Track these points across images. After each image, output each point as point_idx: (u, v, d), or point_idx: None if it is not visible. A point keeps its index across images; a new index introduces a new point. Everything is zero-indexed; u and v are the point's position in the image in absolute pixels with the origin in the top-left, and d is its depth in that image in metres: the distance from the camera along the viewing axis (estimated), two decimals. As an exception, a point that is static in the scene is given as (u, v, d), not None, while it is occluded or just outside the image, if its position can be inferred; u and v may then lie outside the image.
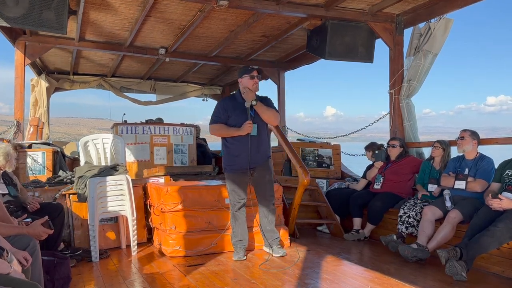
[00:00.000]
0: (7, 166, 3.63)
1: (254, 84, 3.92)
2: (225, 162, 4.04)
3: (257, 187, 4.05)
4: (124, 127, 6.50)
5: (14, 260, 1.99)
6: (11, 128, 5.97)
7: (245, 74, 3.95)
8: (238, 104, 3.96)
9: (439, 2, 4.94)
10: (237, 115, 3.91)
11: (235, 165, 3.94)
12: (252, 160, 3.90)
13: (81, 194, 4.27)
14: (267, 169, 4.06)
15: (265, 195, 4.04)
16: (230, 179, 3.99)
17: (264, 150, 4.03)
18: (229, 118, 3.94)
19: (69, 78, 8.63)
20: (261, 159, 3.99)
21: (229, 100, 4.10)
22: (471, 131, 4.21)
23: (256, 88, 3.94)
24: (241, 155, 3.89)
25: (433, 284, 3.30)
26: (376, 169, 5.27)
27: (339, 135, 7.74)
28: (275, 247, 4.05)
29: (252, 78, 3.92)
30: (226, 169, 4.03)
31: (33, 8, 4.44)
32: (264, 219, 4.09)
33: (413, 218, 4.27)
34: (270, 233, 4.09)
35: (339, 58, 5.59)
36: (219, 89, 10.04)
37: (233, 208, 4.03)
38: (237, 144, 3.90)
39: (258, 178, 4.01)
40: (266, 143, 4.07)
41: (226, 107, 3.96)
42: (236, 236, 4.03)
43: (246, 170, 3.91)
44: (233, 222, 4.05)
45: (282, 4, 4.94)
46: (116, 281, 3.37)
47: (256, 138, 3.91)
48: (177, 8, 5.25)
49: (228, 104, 4.01)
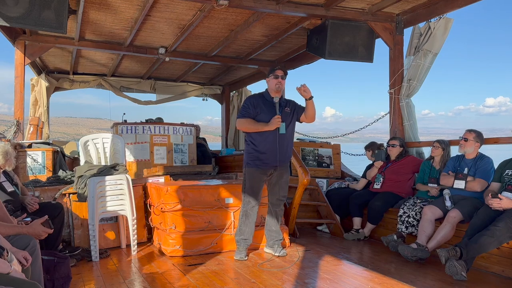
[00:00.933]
0: (6, 165, 3.62)
1: (277, 84, 3.96)
2: (249, 157, 4.00)
3: (273, 187, 4.06)
4: (124, 127, 6.50)
5: (14, 260, 1.99)
6: (11, 127, 5.97)
7: (270, 74, 4.02)
8: (267, 102, 4.00)
9: (439, 2, 4.93)
10: (266, 111, 3.93)
11: (261, 162, 3.93)
12: (279, 158, 3.92)
13: (81, 193, 4.27)
14: (287, 169, 4.09)
15: (279, 195, 4.06)
16: (252, 175, 3.97)
17: (290, 150, 4.06)
18: (258, 115, 3.94)
19: (69, 77, 8.63)
20: (286, 159, 4.03)
21: (259, 97, 4.09)
22: (476, 133, 4.16)
23: (279, 88, 3.98)
24: (269, 152, 3.89)
25: (433, 283, 3.30)
26: (376, 168, 5.27)
27: (338, 135, 7.74)
28: (277, 247, 4.08)
29: (275, 78, 3.97)
30: (249, 164, 3.98)
31: (33, 7, 4.44)
32: (272, 219, 4.10)
33: (413, 218, 4.27)
34: (275, 234, 4.12)
35: (339, 58, 5.59)
36: (219, 89, 10.04)
37: (247, 205, 3.99)
38: (266, 140, 3.90)
39: (277, 177, 4.02)
40: (291, 143, 4.11)
41: (255, 104, 3.98)
42: (242, 233, 4.00)
43: (270, 167, 3.93)
44: (243, 219, 4.02)
45: (282, 3, 4.94)
46: (116, 281, 3.37)
47: (285, 136, 3.94)
48: (177, 7, 5.25)
49: (257, 100, 4.01)
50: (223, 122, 10.16)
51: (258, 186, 3.98)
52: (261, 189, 4.02)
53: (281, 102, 4.01)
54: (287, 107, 4.04)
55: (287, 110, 4.03)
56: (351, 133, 7.34)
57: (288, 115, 4.02)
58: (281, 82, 3.99)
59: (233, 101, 9.95)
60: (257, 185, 3.97)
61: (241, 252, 3.96)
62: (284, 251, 4.08)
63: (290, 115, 4.03)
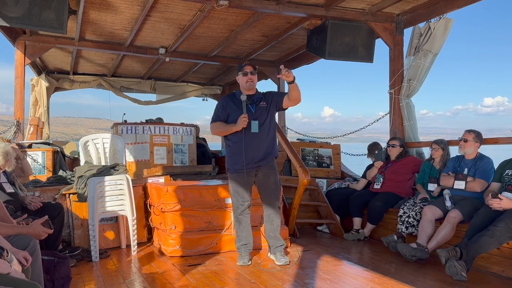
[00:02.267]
0: (6, 166, 3.63)
1: (248, 81, 3.74)
2: (227, 162, 3.89)
3: (261, 189, 3.88)
4: (124, 127, 6.50)
5: (14, 260, 1.99)
6: (11, 128, 5.97)
7: (239, 72, 3.81)
8: (237, 102, 3.78)
9: (439, 2, 4.94)
10: (236, 111, 3.73)
11: (237, 165, 3.74)
12: (254, 159, 3.71)
13: (81, 194, 4.27)
14: (271, 169, 3.83)
15: (269, 197, 3.85)
16: (233, 180, 3.82)
17: (269, 148, 3.79)
18: (229, 116, 3.79)
19: (69, 78, 8.63)
20: (264, 158, 3.76)
21: (229, 98, 3.89)
22: (475, 133, 4.16)
23: (251, 85, 3.76)
24: (244, 153, 3.66)
25: (433, 284, 3.30)
26: (376, 169, 5.27)
27: (337, 135, 7.73)
28: (278, 255, 3.83)
29: (245, 75, 3.75)
30: (229, 169, 3.86)
31: (33, 8, 4.44)
32: (268, 224, 3.90)
33: (413, 218, 4.27)
34: (273, 240, 3.89)
35: (339, 58, 5.59)
36: (219, 89, 10.04)
37: (236, 210, 3.87)
38: (239, 142, 3.70)
39: (262, 178, 3.82)
40: (271, 141, 3.83)
41: (225, 106, 3.80)
42: (240, 240, 3.87)
43: (248, 170, 3.71)
44: (236, 226, 3.90)
45: (282, 4, 4.94)
46: (116, 281, 3.37)
47: (258, 135, 3.71)
48: (177, 7, 5.25)
49: (227, 102, 3.83)
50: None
51: (243, 189, 3.78)
52: (247, 191, 3.80)
53: (255, 98, 3.77)
54: (263, 102, 3.78)
55: (263, 104, 3.77)
56: (351, 133, 7.34)
57: (264, 110, 3.76)
58: (252, 78, 3.74)
59: (233, 101, 9.95)
60: (242, 188, 3.78)
61: (243, 257, 3.80)
62: (287, 259, 3.79)
63: (266, 109, 3.77)
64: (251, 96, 3.78)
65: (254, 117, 3.72)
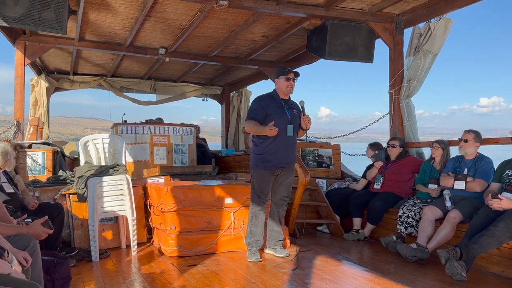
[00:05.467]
0: (6, 166, 3.63)
1: (289, 87, 3.95)
2: (257, 159, 3.99)
3: (277, 186, 4.06)
4: (124, 127, 6.50)
5: (14, 260, 1.99)
6: (11, 128, 5.97)
7: (282, 75, 3.97)
8: (277, 103, 3.97)
9: (439, 2, 4.94)
10: (277, 113, 3.92)
11: (270, 163, 3.93)
12: (285, 160, 3.95)
13: (81, 194, 4.27)
14: (293, 170, 4.12)
15: (282, 195, 4.08)
16: (260, 177, 3.97)
17: (295, 152, 4.10)
18: (268, 116, 3.90)
19: (69, 78, 8.63)
20: (293, 160, 4.06)
21: (267, 98, 4.03)
22: (475, 133, 4.17)
23: (290, 91, 3.98)
24: (277, 153, 3.90)
25: (433, 284, 3.30)
26: (376, 169, 5.27)
27: (335, 135, 7.71)
28: (278, 247, 4.08)
29: (287, 80, 3.95)
30: (258, 165, 3.98)
31: (33, 8, 4.44)
32: (274, 219, 4.11)
33: (412, 218, 4.27)
34: (276, 234, 4.13)
35: (339, 58, 5.59)
36: (219, 89, 10.04)
37: (256, 206, 4.00)
38: (274, 142, 3.89)
39: (283, 178, 4.03)
40: (296, 146, 4.13)
41: (265, 106, 3.94)
42: (254, 235, 4.00)
43: (278, 168, 3.95)
44: (252, 221, 4.02)
45: (282, 4, 4.94)
46: (116, 281, 3.37)
47: (291, 138, 3.96)
48: (177, 8, 5.25)
49: (267, 103, 3.97)
50: (223, 122, 10.15)
51: (267, 188, 4.00)
52: (270, 190, 4.04)
53: (290, 104, 4.02)
54: (295, 109, 4.05)
55: (295, 112, 4.03)
56: (351, 134, 7.34)
57: (296, 117, 4.02)
58: (293, 84, 3.98)
59: (233, 101, 9.95)
60: (266, 186, 3.99)
61: (255, 253, 3.93)
62: (287, 251, 4.06)
63: (297, 117, 4.03)
64: (287, 101, 4.02)
65: (290, 122, 3.94)
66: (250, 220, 4.05)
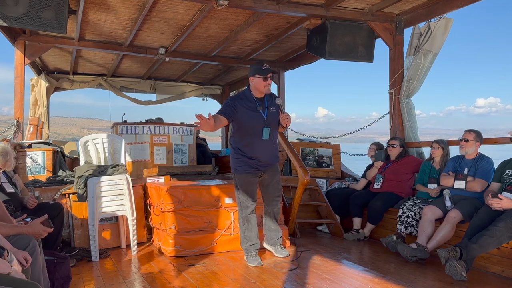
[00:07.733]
0: (6, 166, 3.62)
1: (266, 86, 3.76)
2: (236, 163, 3.86)
3: (266, 188, 3.98)
4: (124, 127, 6.50)
5: (14, 260, 1.98)
6: (11, 127, 5.97)
7: (258, 74, 3.73)
8: (251, 105, 3.76)
9: (439, 2, 4.93)
10: (250, 117, 3.73)
11: (248, 167, 3.81)
12: (264, 162, 3.84)
13: (81, 194, 4.27)
14: (276, 170, 4.03)
15: (273, 195, 3.99)
16: (243, 181, 3.84)
17: (276, 152, 3.99)
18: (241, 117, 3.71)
19: (69, 77, 8.63)
20: (274, 160, 3.96)
21: (241, 100, 3.79)
22: (475, 132, 4.16)
23: (268, 90, 3.80)
24: (255, 158, 3.78)
25: (433, 284, 3.30)
26: (376, 169, 5.27)
27: (333, 136, 7.71)
28: (278, 247, 4.04)
29: (265, 80, 3.73)
30: (237, 170, 3.85)
31: (33, 7, 4.44)
32: (270, 219, 4.05)
33: (412, 218, 4.27)
34: (274, 232, 4.07)
35: (339, 58, 5.59)
36: (219, 89, 10.04)
37: (244, 210, 3.88)
38: (251, 145, 3.78)
39: (268, 179, 3.93)
40: (276, 145, 4.03)
41: (237, 108, 3.71)
42: (249, 240, 3.88)
43: (258, 171, 3.85)
44: (244, 225, 3.90)
45: (282, 3, 4.94)
46: (116, 281, 3.37)
47: (269, 141, 3.83)
48: (177, 7, 5.25)
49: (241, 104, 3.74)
50: (223, 122, 10.14)
51: (252, 190, 3.86)
52: (255, 191, 3.91)
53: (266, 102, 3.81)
54: (272, 107, 3.82)
55: (272, 110, 3.82)
56: (350, 134, 7.33)
57: (274, 116, 3.82)
58: (270, 83, 3.78)
59: (233, 101, 9.94)
60: (251, 188, 3.86)
61: (256, 258, 3.80)
62: (287, 252, 4.01)
63: (274, 115, 3.82)
64: (262, 99, 3.82)
65: (266, 124, 3.77)
66: (242, 225, 3.92)
